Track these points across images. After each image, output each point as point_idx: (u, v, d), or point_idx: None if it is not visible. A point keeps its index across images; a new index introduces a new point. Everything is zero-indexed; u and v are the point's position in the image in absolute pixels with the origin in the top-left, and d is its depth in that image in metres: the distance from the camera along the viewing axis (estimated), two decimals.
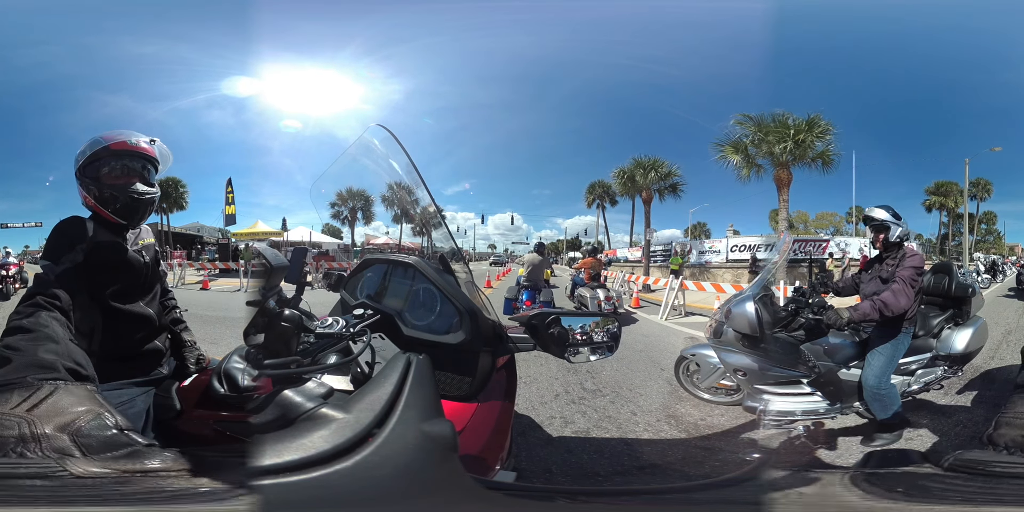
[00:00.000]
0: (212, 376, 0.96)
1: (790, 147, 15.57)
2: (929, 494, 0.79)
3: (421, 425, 0.72)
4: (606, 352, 1.45)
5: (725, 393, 3.69)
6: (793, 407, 3.03)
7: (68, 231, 1.46)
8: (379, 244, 21.46)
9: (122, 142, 1.54)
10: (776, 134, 15.76)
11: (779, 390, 3.08)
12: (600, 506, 0.86)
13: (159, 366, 1.62)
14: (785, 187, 16.06)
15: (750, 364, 3.08)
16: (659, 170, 22.86)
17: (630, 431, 3.27)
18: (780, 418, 3.03)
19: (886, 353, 2.86)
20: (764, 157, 16.36)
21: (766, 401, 3.06)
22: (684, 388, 3.89)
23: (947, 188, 23.42)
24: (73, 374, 0.93)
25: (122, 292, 1.55)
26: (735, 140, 16.84)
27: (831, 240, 20.33)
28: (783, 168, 15.98)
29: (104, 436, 0.73)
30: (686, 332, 7.32)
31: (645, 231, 22.76)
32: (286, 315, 1.00)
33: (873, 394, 2.86)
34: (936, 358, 3.24)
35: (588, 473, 2.61)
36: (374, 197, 24.01)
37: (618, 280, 12.72)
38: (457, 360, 1.32)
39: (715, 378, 3.65)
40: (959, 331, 3.28)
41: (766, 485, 0.85)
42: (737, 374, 3.17)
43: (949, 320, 3.37)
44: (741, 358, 3.12)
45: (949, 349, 3.22)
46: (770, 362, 3.04)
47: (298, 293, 1.16)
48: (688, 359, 3.86)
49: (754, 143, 16.31)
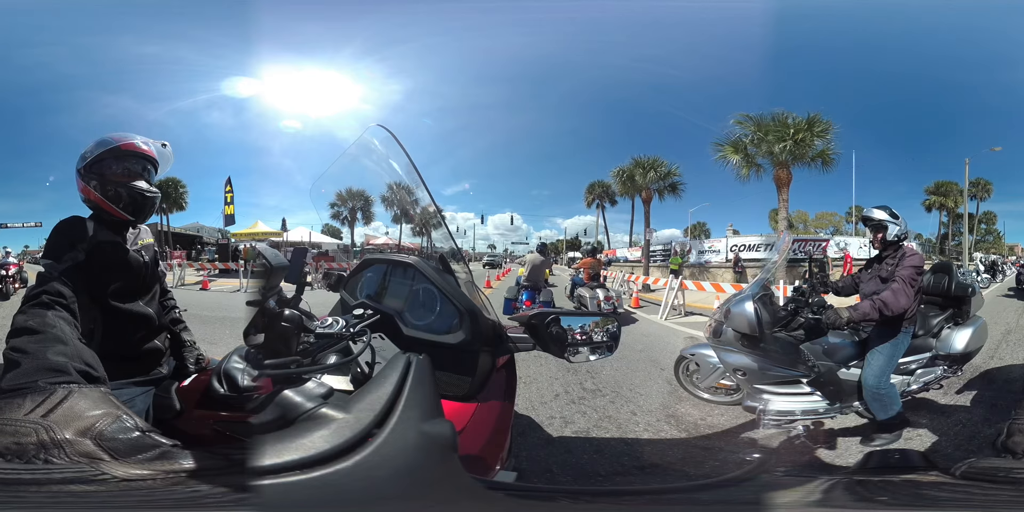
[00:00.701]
0: (212, 376, 0.96)
1: (790, 146, 15.56)
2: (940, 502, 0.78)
3: (421, 425, 0.72)
4: (606, 352, 1.45)
5: (725, 393, 3.69)
6: (793, 407, 3.03)
7: (69, 230, 1.47)
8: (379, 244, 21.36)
9: (131, 144, 1.59)
10: (776, 133, 15.76)
11: (779, 390, 3.08)
12: (600, 506, 0.86)
13: (159, 366, 1.62)
14: (785, 187, 16.06)
15: (749, 364, 3.08)
16: (659, 170, 22.81)
17: (630, 431, 3.28)
18: (780, 418, 3.02)
19: (886, 353, 2.86)
20: (764, 157, 16.37)
21: (766, 401, 3.06)
22: (684, 388, 3.89)
23: (947, 188, 23.39)
24: (85, 376, 0.92)
25: (123, 291, 1.56)
26: (735, 140, 16.85)
27: (831, 240, 20.29)
28: (783, 168, 15.99)
29: (129, 439, 0.73)
30: (686, 332, 7.33)
31: (645, 231, 22.72)
32: (286, 315, 1.00)
33: (873, 394, 2.85)
34: (936, 358, 3.23)
35: (588, 473, 2.61)
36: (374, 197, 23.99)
37: (618, 280, 12.75)
38: (457, 360, 1.32)
39: (715, 378, 3.65)
40: (959, 331, 3.27)
41: (766, 485, 0.85)
42: (737, 374, 3.17)
43: (949, 320, 3.36)
44: (740, 358, 3.11)
45: (949, 349, 3.22)
46: (770, 362, 3.03)
47: (298, 293, 1.16)
48: (688, 359, 3.85)
49: (754, 143, 16.31)
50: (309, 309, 1.15)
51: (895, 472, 0.89)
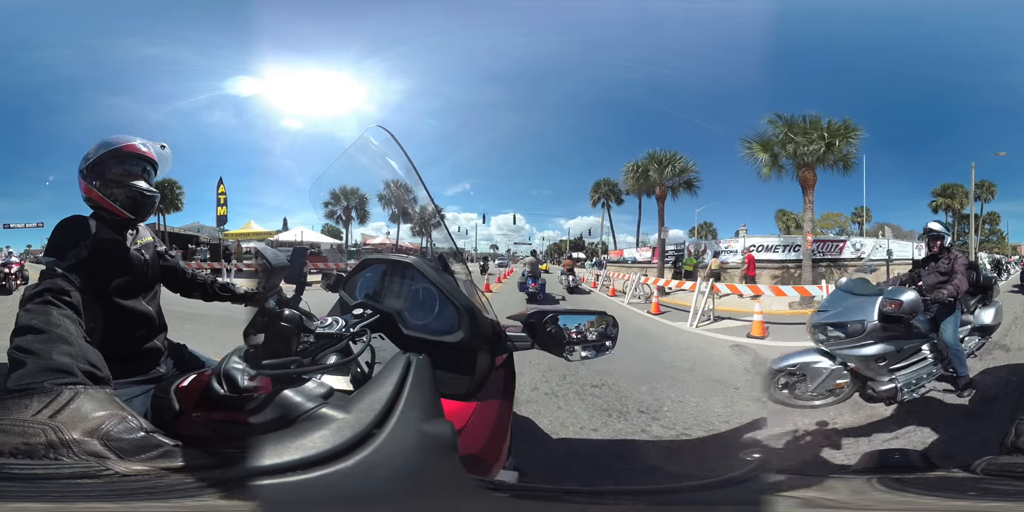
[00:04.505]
0: (212, 376, 0.96)
1: (822, 149, 15.50)
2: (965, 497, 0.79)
3: (421, 425, 0.72)
4: (603, 350, 1.47)
5: (835, 394, 3.61)
6: (919, 375, 3.53)
7: (72, 228, 1.48)
8: (375, 244, 21.20)
9: (132, 145, 1.65)
10: (806, 135, 15.66)
11: (909, 363, 3.58)
12: (600, 506, 0.86)
13: (157, 365, 1.62)
14: (811, 188, 16.00)
15: (887, 348, 3.45)
16: (676, 165, 21.34)
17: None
18: (914, 389, 3.46)
19: (952, 322, 3.75)
20: (788, 157, 16.20)
21: (898, 377, 3.45)
22: (786, 404, 3.63)
23: (953, 191, 23.53)
24: (90, 376, 0.92)
25: (124, 289, 1.57)
26: (765, 138, 16.53)
27: (847, 240, 19.92)
28: (809, 169, 15.88)
29: (134, 439, 0.75)
30: (726, 340, 6.72)
31: (660, 230, 21.58)
32: (286, 315, 1.00)
33: (955, 351, 3.65)
34: (973, 329, 4.19)
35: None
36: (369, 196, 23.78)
37: (633, 282, 12.25)
38: (456, 359, 1.33)
39: (830, 381, 3.55)
40: (986, 310, 4.28)
41: (766, 485, 0.85)
42: (877, 363, 3.43)
43: (979, 303, 4.37)
44: (879, 346, 3.45)
45: (981, 322, 4.20)
46: (914, 339, 3.61)
47: (298, 293, 1.16)
48: (786, 371, 3.66)
49: (782, 143, 16.14)
50: (309, 309, 1.15)
51: (895, 471, 0.89)
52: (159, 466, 0.69)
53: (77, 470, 0.67)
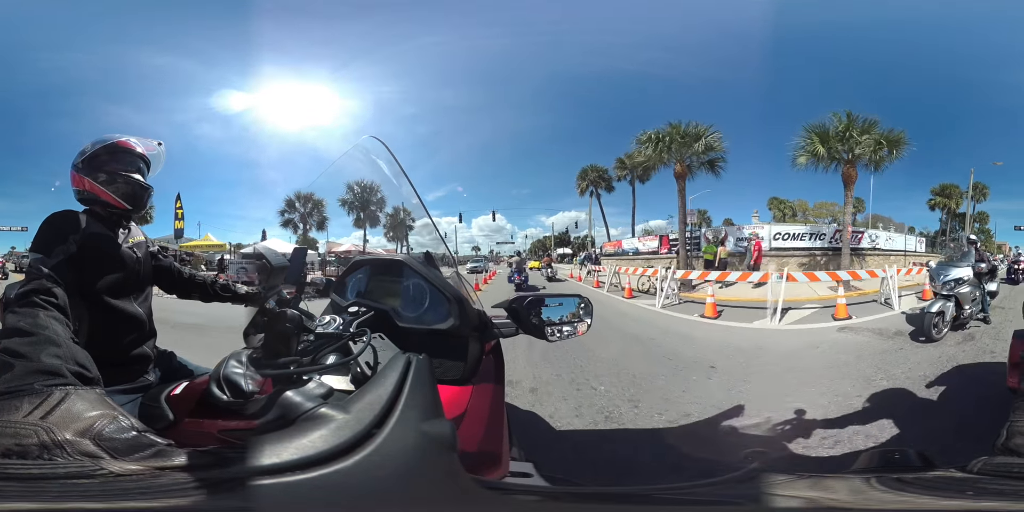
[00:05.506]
0: (211, 382, 0.94)
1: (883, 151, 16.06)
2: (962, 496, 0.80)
3: (421, 425, 0.72)
4: (578, 326, 1.57)
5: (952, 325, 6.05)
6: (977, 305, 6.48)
7: (61, 222, 1.45)
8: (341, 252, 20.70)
9: (127, 141, 1.67)
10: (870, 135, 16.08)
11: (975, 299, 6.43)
12: (600, 505, 0.86)
13: (145, 373, 1.57)
14: (851, 184, 16.65)
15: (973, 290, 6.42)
16: (707, 138, 17.86)
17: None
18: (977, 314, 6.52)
19: (988, 280, 6.87)
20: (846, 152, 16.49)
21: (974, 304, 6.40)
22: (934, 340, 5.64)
23: (950, 191, 24.16)
24: (79, 377, 0.92)
25: (114, 287, 1.53)
26: (825, 131, 16.52)
27: (865, 232, 19.83)
28: (851, 166, 16.49)
29: (127, 438, 0.74)
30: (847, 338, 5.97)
31: (681, 213, 18.66)
32: (287, 315, 1.00)
33: (989, 294, 6.75)
34: (987, 292, 6.84)
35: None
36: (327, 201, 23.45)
37: (661, 278, 10.06)
38: (450, 346, 1.38)
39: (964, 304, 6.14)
40: (992, 282, 7.04)
41: (766, 485, 0.85)
42: (970, 295, 6.28)
43: (989, 277, 6.99)
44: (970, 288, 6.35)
45: (990, 289, 6.90)
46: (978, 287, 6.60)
47: (298, 293, 1.16)
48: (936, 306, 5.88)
49: (843, 139, 16.39)
50: (308, 309, 1.15)
51: (894, 471, 0.89)
52: (155, 465, 0.69)
53: (72, 470, 0.67)
